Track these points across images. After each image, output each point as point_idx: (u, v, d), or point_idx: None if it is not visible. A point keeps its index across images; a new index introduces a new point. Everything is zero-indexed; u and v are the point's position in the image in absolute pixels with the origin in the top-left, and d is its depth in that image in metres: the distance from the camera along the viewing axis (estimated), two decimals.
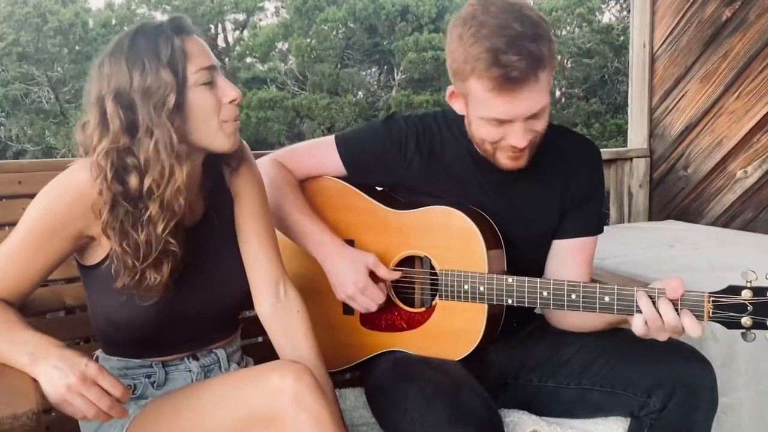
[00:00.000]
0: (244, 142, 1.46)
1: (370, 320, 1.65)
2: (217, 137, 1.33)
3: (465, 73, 1.40)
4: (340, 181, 1.68)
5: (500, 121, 1.42)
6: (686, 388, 1.46)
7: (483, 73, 1.36)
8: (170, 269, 1.30)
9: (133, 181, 1.26)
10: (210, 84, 1.30)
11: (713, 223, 3.38)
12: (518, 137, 1.43)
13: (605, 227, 1.69)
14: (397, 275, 1.59)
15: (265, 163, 1.65)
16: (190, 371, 1.44)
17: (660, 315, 1.33)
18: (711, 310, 1.32)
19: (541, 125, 1.46)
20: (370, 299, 1.56)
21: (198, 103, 1.29)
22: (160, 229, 1.27)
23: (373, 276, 1.57)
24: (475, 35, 1.37)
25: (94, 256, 1.35)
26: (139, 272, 1.28)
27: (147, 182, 1.26)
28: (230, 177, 1.47)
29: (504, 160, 1.50)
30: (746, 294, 1.30)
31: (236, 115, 1.35)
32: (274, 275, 1.49)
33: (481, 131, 1.47)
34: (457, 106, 1.52)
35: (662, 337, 1.37)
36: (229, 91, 1.32)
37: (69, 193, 1.28)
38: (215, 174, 1.45)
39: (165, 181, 1.26)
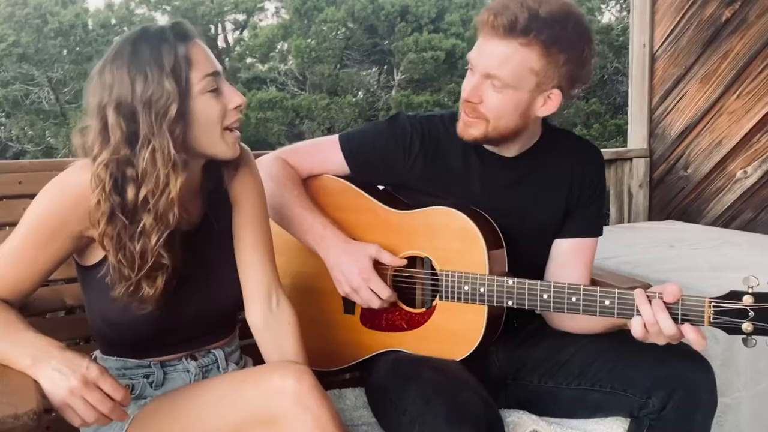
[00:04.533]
0: (246, 147, 1.45)
1: (371, 320, 1.65)
2: (219, 145, 1.33)
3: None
4: (342, 180, 1.68)
5: (471, 68, 1.50)
6: (686, 388, 1.46)
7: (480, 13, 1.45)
8: (165, 281, 1.29)
9: (130, 192, 1.25)
10: (215, 91, 1.30)
11: (713, 223, 3.38)
12: (468, 84, 1.49)
13: (605, 227, 1.71)
14: (402, 262, 1.59)
15: (268, 160, 1.65)
16: (188, 371, 1.44)
17: (656, 320, 1.33)
18: (712, 316, 1.31)
19: (490, 102, 1.48)
20: (374, 292, 1.55)
21: (203, 111, 1.28)
22: (153, 240, 1.26)
23: (377, 267, 1.57)
24: None
25: (93, 257, 1.34)
26: (134, 283, 1.28)
27: (142, 193, 1.25)
28: (230, 181, 1.46)
29: (459, 124, 1.55)
30: (747, 300, 1.29)
31: (239, 122, 1.35)
32: (266, 284, 1.47)
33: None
34: None
35: (660, 342, 1.37)
36: (235, 98, 1.32)
37: (70, 194, 1.27)
38: (215, 177, 1.44)
39: (159, 191, 1.25)
